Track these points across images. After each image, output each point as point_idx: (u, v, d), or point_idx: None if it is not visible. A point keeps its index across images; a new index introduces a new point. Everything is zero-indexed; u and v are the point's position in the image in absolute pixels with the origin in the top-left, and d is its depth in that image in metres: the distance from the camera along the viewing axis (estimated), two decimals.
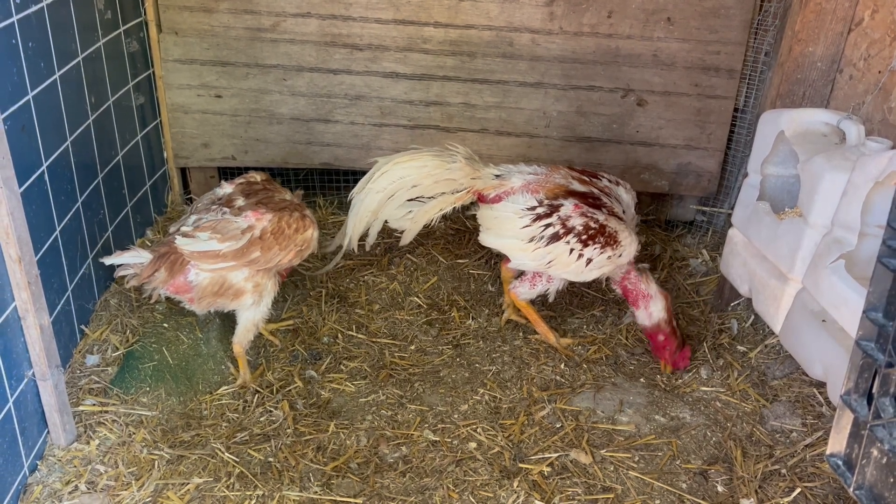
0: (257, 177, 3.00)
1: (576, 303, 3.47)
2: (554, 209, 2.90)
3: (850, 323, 2.37)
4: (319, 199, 4.11)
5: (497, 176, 3.05)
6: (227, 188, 2.93)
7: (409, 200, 3.08)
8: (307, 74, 3.68)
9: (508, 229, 2.95)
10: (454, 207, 3.09)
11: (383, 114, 3.77)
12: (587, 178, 3.07)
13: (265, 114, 3.77)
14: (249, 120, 3.78)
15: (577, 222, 2.86)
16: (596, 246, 2.85)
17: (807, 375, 2.88)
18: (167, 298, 2.83)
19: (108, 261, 2.60)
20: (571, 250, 2.86)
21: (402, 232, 3.17)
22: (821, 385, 2.86)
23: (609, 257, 2.89)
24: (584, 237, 2.85)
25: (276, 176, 4.17)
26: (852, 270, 2.47)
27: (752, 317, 3.25)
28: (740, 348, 3.16)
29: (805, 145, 2.77)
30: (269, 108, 3.76)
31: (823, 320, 2.54)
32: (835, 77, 3.22)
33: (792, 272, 2.70)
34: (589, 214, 2.88)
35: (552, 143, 3.80)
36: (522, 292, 3.08)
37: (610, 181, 3.10)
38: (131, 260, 2.62)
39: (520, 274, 3.13)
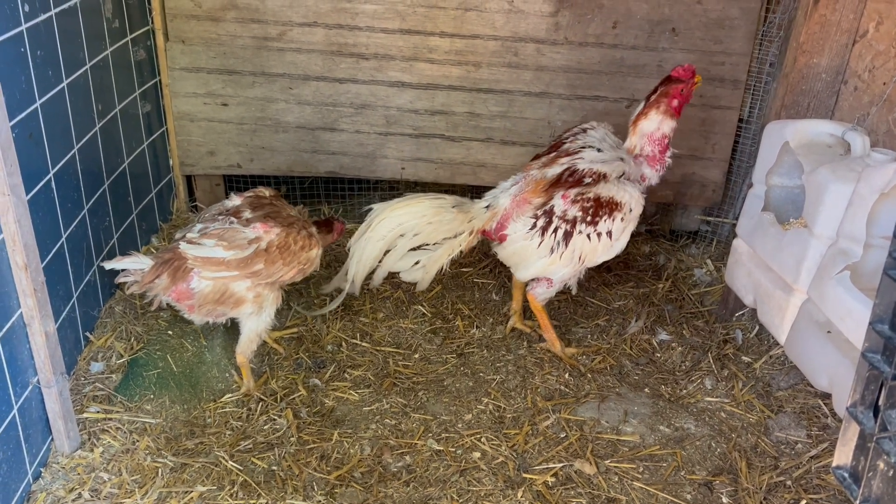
0: (266, 192, 3.01)
1: (580, 312, 3.47)
2: (549, 213, 2.89)
3: (856, 334, 2.37)
4: (324, 207, 4.12)
5: (487, 207, 3.01)
6: (235, 200, 2.93)
7: (412, 250, 3.00)
8: (313, 83, 3.70)
9: (530, 255, 2.94)
10: (461, 251, 3.02)
11: (388, 123, 3.78)
12: (553, 154, 3.03)
13: (271, 122, 3.78)
14: (255, 128, 3.79)
15: (574, 211, 2.86)
16: (604, 218, 2.85)
17: (812, 386, 2.87)
18: (168, 306, 2.83)
19: (108, 265, 2.61)
20: (588, 236, 2.86)
21: (414, 283, 3.09)
22: (826, 396, 2.85)
23: (623, 219, 2.87)
24: (588, 219, 2.84)
25: (280, 184, 4.19)
26: (858, 282, 2.47)
27: (757, 327, 3.25)
28: (745, 359, 3.15)
29: (810, 156, 2.77)
30: (274, 117, 3.77)
31: (829, 331, 2.54)
32: (839, 88, 3.23)
33: (797, 283, 2.70)
34: (579, 198, 2.86)
35: None
36: (541, 293, 3.06)
37: (575, 135, 3.08)
38: (132, 265, 2.62)
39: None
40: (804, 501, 2.48)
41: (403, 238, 2.97)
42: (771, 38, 3.49)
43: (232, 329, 3.06)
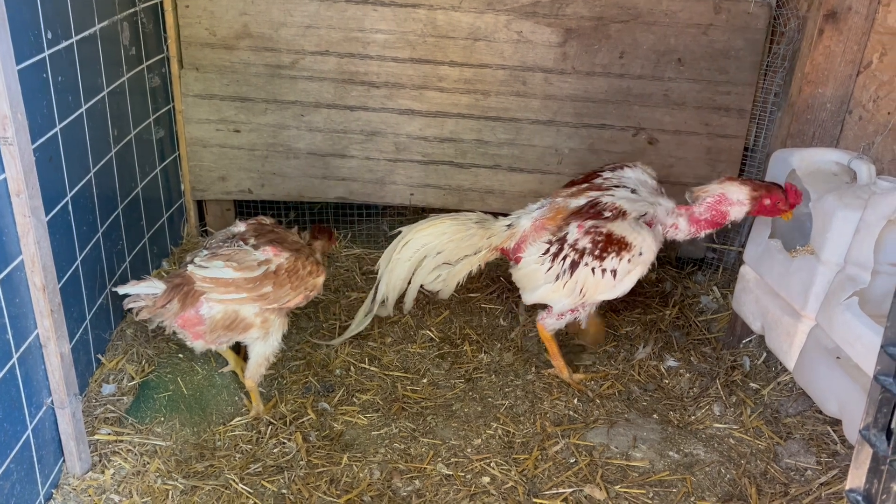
0: (266, 220, 3.06)
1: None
2: (562, 240, 2.91)
3: (865, 359, 2.38)
4: (333, 232, 4.15)
5: (508, 226, 3.07)
6: (241, 227, 2.96)
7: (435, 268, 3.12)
8: (324, 110, 3.76)
9: (538, 279, 2.97)
10: (480, 266, 3.12)
11: (398, 149, 3.83)
12: (585, 185, 3.05)
13: (282, 148, 3.83)
14: (267, 154, 3.85)
15: (584, 242, 2.86)
16: (611, 256, 2.83)
17: (820, 413, 2.88)
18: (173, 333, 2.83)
19: (122, 290, 2.61)
20: (593, 270, 2.86)
21: (436, 292, 3.21)
22: (835, 423, 2.85)
23: (629, 261, 2.84)
24: (596, 252, 2.84)
25: (290, 209, 4.23)
26: (865, 308, 2.49)
27: (765, 354, 3.26)
28: (753, 385, 3.16)
29: (816, 184, 2.81)
30: (286, 143, 3.82)
31: (838, 357, 2.55)
32: (844, 118, 3.28)
33: (805, 309, 2.72)
34: (593, 230, 2.86)
35: (564, 179, 3.83)
36: (550, 323, 3.08)
37: (612, 170, 3.08)
38: (146, 290, 2.62)
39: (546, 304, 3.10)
40: None
41: (428, 258, 3.09)
42: (776, 68, 3.55)
43: (241, 353, 3.07)
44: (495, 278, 3.82)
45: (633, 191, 2.97)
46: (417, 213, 4.26)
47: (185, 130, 3.78)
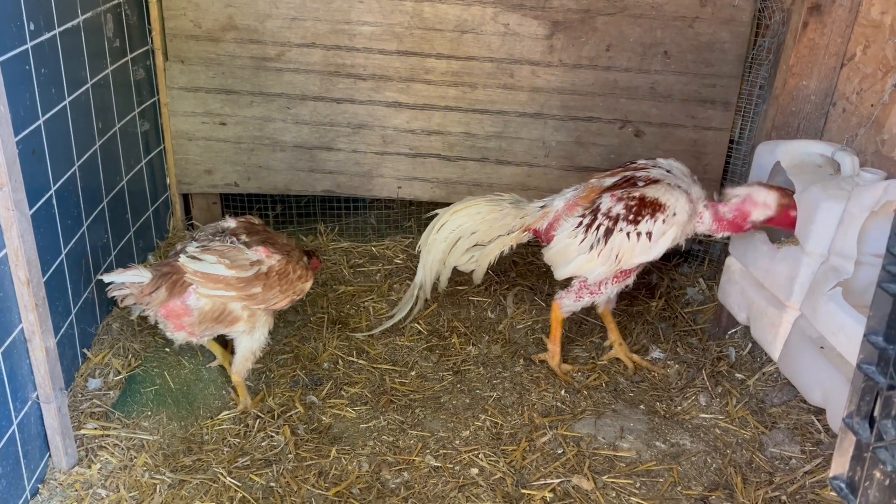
0: (255, 220, 3.05)
1: (575, 330, 3.50)
2: (595, 210, 2.94)
3: (849, 349, 2.40)
4: (320, 225, 4.15)
5: (542, 207, 3.12)
6: (230, 223, 2.95)
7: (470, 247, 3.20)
8: (311, 103, 3.74)
9: (571, 252, 2.98)
10: (511, 247, 3.17)
11: (385, 142, 3.82)
12: (620, 168, 3.09)
13: (269, 141, 3.82)
14: (253, 147, 3.83)
15: (618, 208, 2.88)
16: (646, 218, 2.84)
17: (805, 403, 2.91)
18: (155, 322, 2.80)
19: (108, 278, 2.58)
20: (628, 234, 2.86)
21: (471, 272, 3.27)
22: (819, 412, 2.88)
23: (664, 221, 2.84)
24: (630, 217, 2.85)
25: (277, 203, 4.21)
26: (849, 298, 2.51)
27: (750, 344, 3.28)
28: (738, 376, 3.18)
29: (801, 176, 2.83)
30: (272, 136, 3.81)
31: (822, 347, 2.58)
32: (828, 110, 3.30)
33: (790, 300, 2.74)
34: (625, 196, 2.89)
35: (551, 172, 3.86)
36: (567, 304, 3.11)
37: (646, 160, 3.11)
38: (132, 278, 2.60)
39: (566, 285, 3.14)
40: None
41: (462, 239, 3.17)
42: (761, 61, 3.57)
43: (228, 347, 3.06)
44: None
45: (668, 171, 3.01)
46: (405, 207, 4.26)
47: (171, 123, 3.76)
